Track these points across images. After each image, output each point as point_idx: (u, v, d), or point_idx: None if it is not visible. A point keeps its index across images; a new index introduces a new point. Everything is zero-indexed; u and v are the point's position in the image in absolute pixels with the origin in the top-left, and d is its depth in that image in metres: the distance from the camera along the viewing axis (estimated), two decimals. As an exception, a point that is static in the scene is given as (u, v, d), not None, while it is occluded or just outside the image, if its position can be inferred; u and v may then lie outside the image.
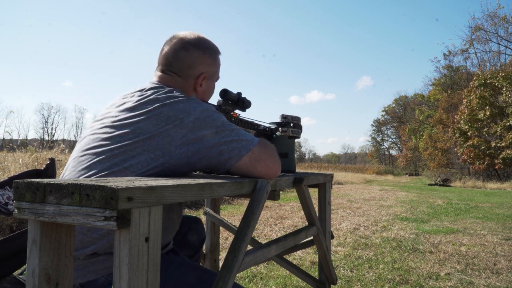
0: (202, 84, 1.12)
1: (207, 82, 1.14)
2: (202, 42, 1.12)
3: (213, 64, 1.14)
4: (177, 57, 1.08)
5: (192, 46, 1.10)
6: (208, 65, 1.12)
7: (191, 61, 1.09)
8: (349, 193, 9.86)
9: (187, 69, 1.09)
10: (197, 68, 1.10)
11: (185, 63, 1.09)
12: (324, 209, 1.57)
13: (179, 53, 1.08)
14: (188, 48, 1.09)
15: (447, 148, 26.55)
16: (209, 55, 1.12)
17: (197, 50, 1.10)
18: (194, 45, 1.10)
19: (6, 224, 3.19)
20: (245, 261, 0.92)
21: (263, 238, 3.60)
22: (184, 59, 1.08)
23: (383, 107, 63.96)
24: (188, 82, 1.10)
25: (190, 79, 1.10)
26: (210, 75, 1.14)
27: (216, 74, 1.18)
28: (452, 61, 31.88)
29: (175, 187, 0.66)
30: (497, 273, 2.62)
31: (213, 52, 1.14)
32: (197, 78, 1.10)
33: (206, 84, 1.14)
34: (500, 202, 8.13)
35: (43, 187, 0.60)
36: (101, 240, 0.85)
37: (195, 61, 1.09)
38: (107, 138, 0.92)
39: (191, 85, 1.10)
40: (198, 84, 1.11)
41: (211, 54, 1.13)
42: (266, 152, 1.00)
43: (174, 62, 1.09)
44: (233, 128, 0.97)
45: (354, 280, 2.39)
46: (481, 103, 19.93)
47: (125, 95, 1.05)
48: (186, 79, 1.09)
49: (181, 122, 0.91)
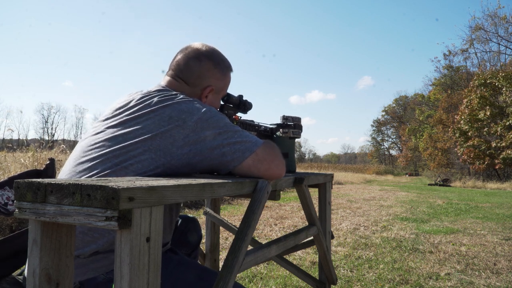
0: (208, 96, 1.12)
1: (213, 96, 1.14)
2: (216, 55, 1.13)
3: (222, 79, 1.14)
4: (188, 66, 1.09)
5: (204, 58, 1.10)
6: (217, 79, 1.13)
7: (201, 72, 1.10)
8: (349, 193, 9.86)
9: (196, 79, 1.10)
10: (205, 80, 1.10)
11: (195, 72, 1.09)
12: (324, 209, 1.57)
13: (190, 62, 1.09)
14: (201, 59, 1.10)
15: (447, 148, 26.55)
16: (220, 70, 1.13)
17: (209, 62, 1.10)
18: (207, 57, 1.11)
19: (6, 224, 3.19)
20: (245, 261, 0.92)
21: (263, 238, 3.60)
22: (195, 69, 1.09)
23: (383, 107, 64.11)
24: (194, 92, 1.10)
25: (197, 89, 1.10)
26: (217, 89, 1.14)
27: (223, 90, 1.18)
28: (452, 61, 31.95)
29: (176, 187, 0.66)
30: (497, 273, 2.62)
31: (224, 68, 1.15)
32: (204, 89, 1.11)
33: (212, 97, 1.14)
34: (500, 202, 8.13)
35: (44, 187, 0.60)
36: (101, 239, 0.85)
37: (205, 73, 1.10)
38: (109, 138, 0.92)
39: (197, 95, 1.11)
40: (204, 96, 1.11)
41: (222, 69, 1.13)
42: (270, 153, 0.99)
43: (184, 70, 1.09)
44: (236, 130, 0.97)
45: (354, 280, 2.39)
46: (481, 103, 19.94)
47: (130, 94, 1.05)
48: (193, 88, 1.10)
49: (183, 123, 0.90)
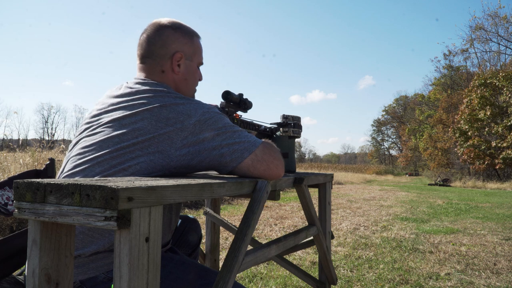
0: (180, 65, 1.05)
1: (186, 63, 1.07)
2: (175, 23, 1.08)
3: (189, 43, 1.07)
4: (149, 41, 1.04)
5: (163, 27, 1.05)
6: (183, 44, 1.06)
7: (162, 40, 1.04)
8: (349, 193, 9.86)
9: (159, 49, 1.03)
10: (170, 47, 1.04)
11: (157, 43, 1.03)
12: (324, 209, 1.57)
13: (150, 36, 1.04)
14: (159, 29, 1.04)
15: (447, 148, 26.55)
16: (182, 33, 1.06)
17: (167, 29, 1.05)
18: (166, 26, 1.05)
19: (6, 224, 3.19)
20: (245, 261, 0.92)
21: (263, 238, 3.60)
22: (156, 40, 1.03)
23: (383, 107, 64.15)
24: (164, 65, 1.04)
25: (165, 60, 1.04)
26: (188, 54, 1.07)
27: (196, 55, 1.10)
28: (452, 61, 31.98)
29: (175, 187, 0.66)
30: (497, 273, 2.62)
31: (187, 32, 1.08)
32: (172, 57, 1.04)
33: (185, 65, 1.07)
34: (500, 202, 8.12)
35: (43, 187, 0.60)
36: (102, 240, 0.85)
37: (166, 40, 1.04)
38: (105, 139, 0.90)
39: (167, 66, 1.04)
40: (175, 65, 1.04)
41: (185, 33, 1.07)
42: (269, 153, 0.98)
43: (147, 46, 1.04)
44: (235, 130, 0.95)
45: (354, 280, 2.39)
46: (482, 103, 19.93)
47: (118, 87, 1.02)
48: (161, 61, 1.03)
49: (182, 125, 0.89)
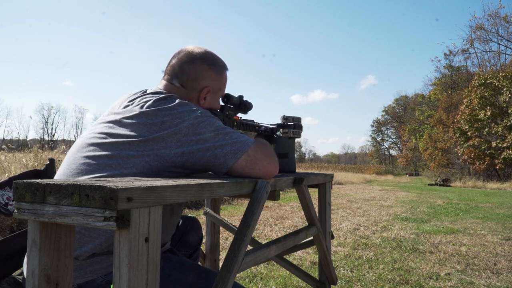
0: (206, 97, 1.13)
1: (211, 97, 1.15)
2: (209, 56, 1.13)
3: (218, 79, 1.15)
4: (182, 70, 1.10)
5: (198, 60, 1.11)
6: (213, 79, 1.13)
7: (196, 74, 1.10)
8: (349, 193, 9.86)
9: (191, 81, 1.10)
10: (201, 82, 1.11)
11: (190, 75, 1.10)
12: (324, 209, 1.57)
13: (185, 66, 1.10)
14: (195, 61, 1.11)
15: (447, 148, 26.54)
16: (215, 70, 1.14)
17: (202, 64, 1.11)
18: (200, 59, 1.11)
19: (6, 225, 3.19)
20: (245, 261, 0.92)
21: (263, 238, 3.60)
22: (189, 72, 1.10)
23: (383, 107, 64.11)
24: (192, 95, 1.11)
25: (194, 92, 1.11)
26: (215, 89, 1.15)
27: (221, 89, 1.18)
28: (453, 61, 31.96)
29: (174, 187, 0.66)
30: (497, 273, 2.62)
31: (219, 67, 1.15)
32: (201, 91, 1.12)
33: (210, 98, 1.15)
34: (500, 202, 8.12)
35: (43, 187, 0.60)
36: (99, 239, 0.85)
37: (199, 74, 1.11)
38: (102, 143, 0.93)
39: (194, 97, 1.11)
40: (202, 98, 1.12)
41: (216, 69, 1.14)
42: (262, 152, 1.00)
43: (179, 74, 1.10)
44: (228, 132, 0.97)
45: (354, 280, 2.39)
46: (482, 103, 19.93)
47: (130, 94, 1.06)
48: (190, 91, 1.11)
49: (175, 128, 0.91)
